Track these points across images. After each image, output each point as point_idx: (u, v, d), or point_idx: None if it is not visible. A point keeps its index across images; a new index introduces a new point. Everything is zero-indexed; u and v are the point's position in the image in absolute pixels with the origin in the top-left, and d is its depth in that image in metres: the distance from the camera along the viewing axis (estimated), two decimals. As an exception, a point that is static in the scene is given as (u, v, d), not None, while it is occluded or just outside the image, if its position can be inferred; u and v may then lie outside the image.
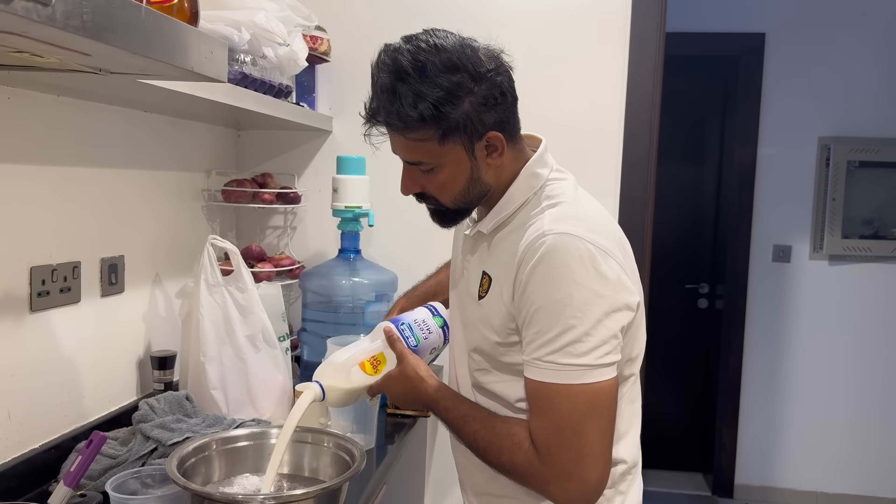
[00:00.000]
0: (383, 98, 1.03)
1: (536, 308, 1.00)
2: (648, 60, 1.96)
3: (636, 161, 1.98)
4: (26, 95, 1.30)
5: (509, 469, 1.06)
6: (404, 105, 1.01)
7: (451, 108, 1.01)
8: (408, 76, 1.00)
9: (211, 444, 1.30)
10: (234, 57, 1.52)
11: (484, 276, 1.13)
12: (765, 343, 3.69)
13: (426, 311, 1.32)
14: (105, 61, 0.92)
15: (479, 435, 1.08)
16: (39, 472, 1.33)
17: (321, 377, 1.24)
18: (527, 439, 1.03)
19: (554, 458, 1.00)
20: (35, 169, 1.34)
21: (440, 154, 1.05)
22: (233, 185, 1.99)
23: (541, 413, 1.01)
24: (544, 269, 1.00)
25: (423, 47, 1.02)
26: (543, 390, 1.00)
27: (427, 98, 1.00)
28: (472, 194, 1.10)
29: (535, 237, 1.02)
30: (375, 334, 1.27)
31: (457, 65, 1.01)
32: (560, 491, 1.01)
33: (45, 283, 1.35)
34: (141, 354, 1.69)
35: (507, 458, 1.04)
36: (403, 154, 1.09)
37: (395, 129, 1.05)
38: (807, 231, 3.62)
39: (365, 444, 1.58)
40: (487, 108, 1.04)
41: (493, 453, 1.07)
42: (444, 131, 1.02)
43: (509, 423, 1.07)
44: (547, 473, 1.01)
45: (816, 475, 3.71)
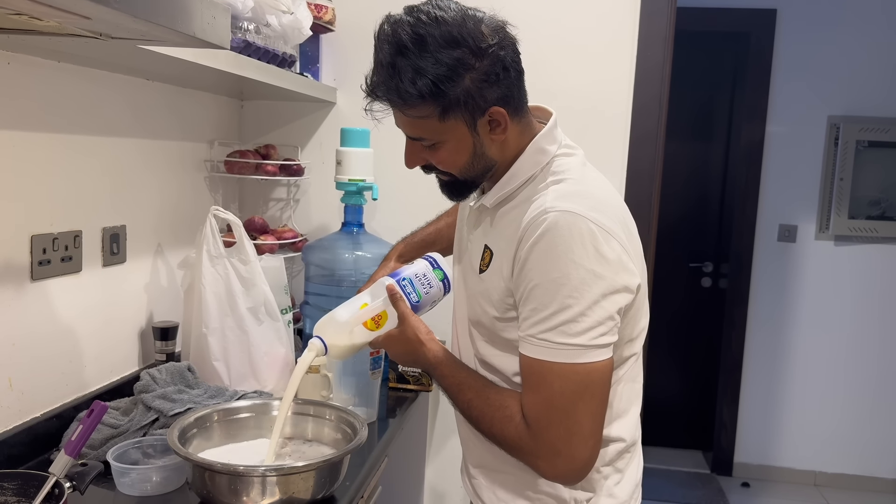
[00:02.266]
0: (382, 73, 1.01)
1: (534, 285, 1.00)
2: (659, 34, 1.93)
3: (644, 136, 1.95)
4: (27, 61, 1.27)
5: (500, 440, 1.07)
6: (403, 81, 0.98)
7: (450, 84, 0.99)
8: (407, 50, 0.98)
9: (212, 415, 1.30)
10: (237, 25, 1.49)
11: (486, 250, 1.13)
12: (768, 323, 3.69)
13: (426, 264, 1.29)
14: (105, 25, 0.90)
15: (473, 404, 1.09)
16: (41, 440, 1.33)
17: (323, 333, 1.24)
18: (518, 413, 1.03)
19: (544, 434, 1.01)
20: (36, 136, 1.32)
21: (441, 130, 1.04)
22: (235, 156, 1.97)
23: (533, 389, 1.02)
24: (544, 246, 0.99)
25: (423, 20, 0.99)
26: (536, 367, 1.00)
27: (426, 74, 0.98)
28: (476, 169, 1.09)
29: (537, 213, 1.01)
30: (377, 290, 1.25)
31: (457, 39, 0.98)
32: (548, 466, 1.02)
33: (46, 252, 1.34)
34: (143, 325, 1.69)
35: (499, 429, 1.05)
36: (405, 129, 1.08)
37: (394, 104, 1.03)
38: (813, 211, 3.60)
39: (367, 417, 1.58)
40: (489, 84, 1.01)
41: (485, 423, 1.08)
42: (444, 108, 1.01)
43: (502, 395, 1.07)
44: (536, 448, 1.02)
45: (815, 454, 3.73)
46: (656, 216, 2.01)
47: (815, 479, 3.73)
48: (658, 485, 3.61)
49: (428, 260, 1.30)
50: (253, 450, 1.29)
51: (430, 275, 1.28)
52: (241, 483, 1.11)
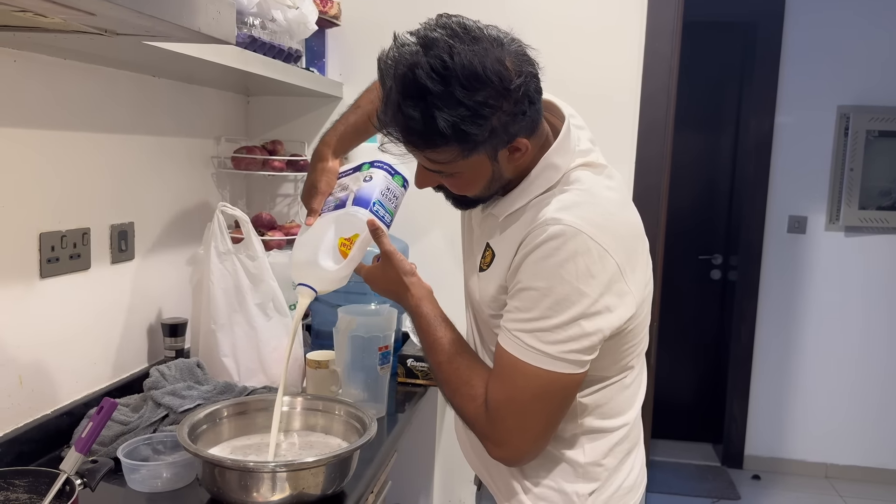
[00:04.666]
0: (399, 116, 0.94)
1: (521, 287, 1.00)
2: (666, 24, 1.91)
3: (652, 127, 1.94)
4: (32, 58, 1.27)
5: (458, 410, 1.10)
6: (426, 125, 0.92)
7: (476, 127, 0.93)
8: (428, 94, 0.90)
9: (222, 410, 1.30)
10: (242, 20, 1.49)
11: (487, 249, 1.12)
12: (778, 315, 3.67)
13: (384, 175, 1.25)
14: (110, 21, 0.90)
15: (443, 367, 1.11)
16: (52, 437, 1.33)
17: (305, 279, 1.22)
18: (482, 395, 1.05)
19: (498, 423, 1.03)
20: (42, 133, 1.32)
21: (462, 165, 0.99)
22: (242, 152, 1.96)
23: (499, 378, 1.04)
24: (538, 254, 0.98)
25: (444, 59, 0.90)
26: (506, 358, 1.02)
27: (450, 119, 0.91)
28: (491, 190, 1.07)
29: (540, 222, 1.00)
30: (347, 220, 1.20)
31: (482, 79, 0.91)
32: (494, 449, 1.06)
33: (55, 250, 1.35)
34: (152, 321, 1.69)
35: (459, 401, 1.09)
36: (421, 161, 1.03)
37: (414, 147, 0.98)
38: (823, 202, 3.57)
39: (376, 412, 1.58)
40: (515, 122, 0.97)
41: (448, 389, 1.11)
42: (469, 147, 0.96)
43: (471, 371, 1.08)
44: (488, 431, 1.05)
45: (826, 446, 3.70)
46: (665, 208, 2.00)
47: (826, 472, 3.71)
48: (668, 478, 3.60)
49: (384, 169, 1.25)
50: (263, 445, 1.29)
51: (392, 186, 1.25)
52: (251, 479, 1.11)
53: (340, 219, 1.22)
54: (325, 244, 1.21)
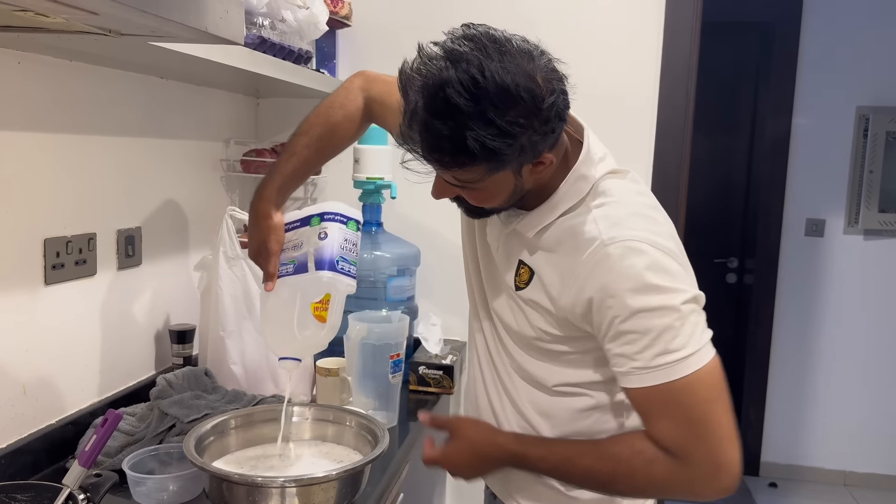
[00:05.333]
0: (427, 134, 0.90)
1: (622, 320, 0.95)
2: (685, 24, 1.86)
3: (670, 130, 1.89)
4: (37, 60, 1.24)
5: (646, 487, 1.01)
6: (454, 144, 0.88)
7: (505, 147, 0.89)
8: (459, 113, 0.87)
9: (230, 421, 1.27)
10: (251, 20, 1.45)
11: (521, 267, 1.08)
12: (795, 320, 3.61)
13: (339, 227, 1.18)
14: (114, 21, 0.87)
15: (598, 469, 1.01)
16: (56, 447, 1.30)
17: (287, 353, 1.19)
18: (657, 450, 0.97)
19: (694, 456, 0.95)
20: (47, 137, 1.29)
21: (486, 181, 0.96)
22: (252, 154, 1.93)
23: (662, 416, 0.96)
24: (617, 281, 0.95)
25: (475, 76, 0.86)
26: (657, 394, 0.95)
27: (479, 139, 0.87)
28: (511, 201, 1.04)
29: (596, 247, 0.97)
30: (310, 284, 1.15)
31: (514, 97, 0.88)
32: (711, 485, 0.95)
33: (60, 256, 1.32)
34: (160, 328, 1.66)
35: (644, 477, 0.98)
36: (443, 176, 0.99)
37: (440, 165, 0.94)
38: (842, 204, 3.51)
39: (387, 421, 1.55)
40: (545, 140, 0.94)
41: (622, 480, 1.00)
42: (497, 167, 0.93)
43: (628, 441, 1.01)
44: (692, 474, 0.96)
45: (845, 453, 3.64)
46: (684, 212, 1.95)
47: (844, 479, 3.65)
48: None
49: (337, 220, 1.19)
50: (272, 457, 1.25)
51: (349, 235, 1.19)
52: (259, 494, 1.08)
53: (307, 285, 1.16)
54: (297, 314, 1.16)
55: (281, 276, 1.18)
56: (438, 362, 1.78)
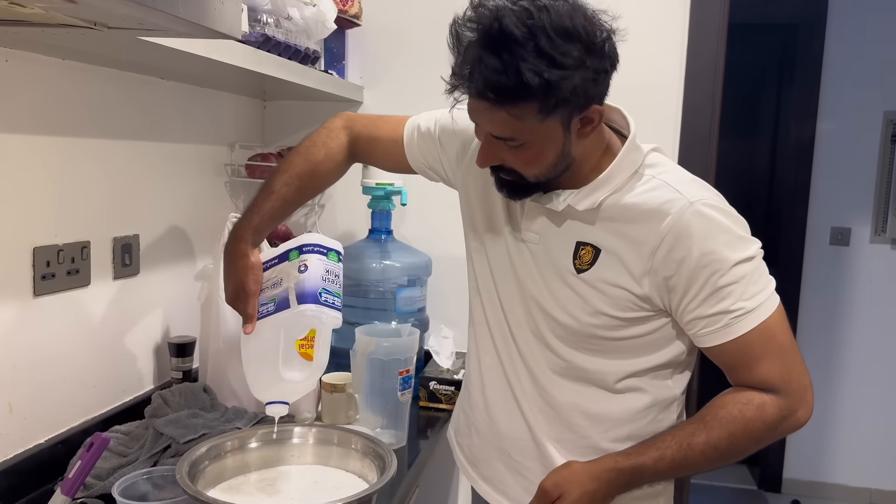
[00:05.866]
0: (483, 66, 0.90)
1: (721, 275, 0.98)
2: (712, 23, 1.77)
3: (696, 136, 1.80)
4: (27, 58, 1.17)
5: (763, 434, 1.02)
6: (509, 76, 0.88)
7: (561, 82, 0.89)
8: (515, 43, 0.87)
9: (226, 444, 1.18)
10: (255, 17, 1.38)
11: (582, 248, 1.06)
12: (819, 332, 3.49)
13: (319, 258, 1.13)
14: (95, 12, 0.79)
15: (715, 439, 1.01)
16: (45, 468, 1.23)
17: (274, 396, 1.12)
18: (760, 393, 1.01)
19: (792, 385, 1.01)
20: (38, 139, 1.22)
21: (536, 130, 0.95)
22: (257, 159, 1.86)
23: (763, 358, 1.01)
24: (714, 236, 0.99)
25: (531, 9, 0.89)
26: (757, 336, 1.00)
27: (537, 70, 0.87)
28: (557, 169, 1.02)
29: (682, 207, 0.99)
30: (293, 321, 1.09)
31: (571, 33, 0.89)
32: (805, 408, 1.03)
33: (51, 265, 1.24)
34: (158, 341, 1.58)
35: (760, 425, 1.01)
36: (492, 128, 0.98)
37: (492, 102, 0.92)
38: (868, 212, 3.40)
39: (396, 441, 1.47)
40: (596, 83, 0.94)
41: (741, 439, 1.01)
42: (550, 107, 0.92)
43: (730, 400, 1.03)
44: (792, 402, 1.01)
45: (870, 470, 3.51)
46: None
47: (870, 497, 3.52)
48: (703, 501, 3.44)
49: (316, 251, 1.14)
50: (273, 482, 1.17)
51: (330, 266, 1.15)
52: (255, 526, 0.99)
53: (289, 321, 1.10)
54: (282, 355, 1.10)
55: (262, 317, 1.13)
56: (450, 377, 1.69)
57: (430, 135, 1.27)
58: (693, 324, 1.02)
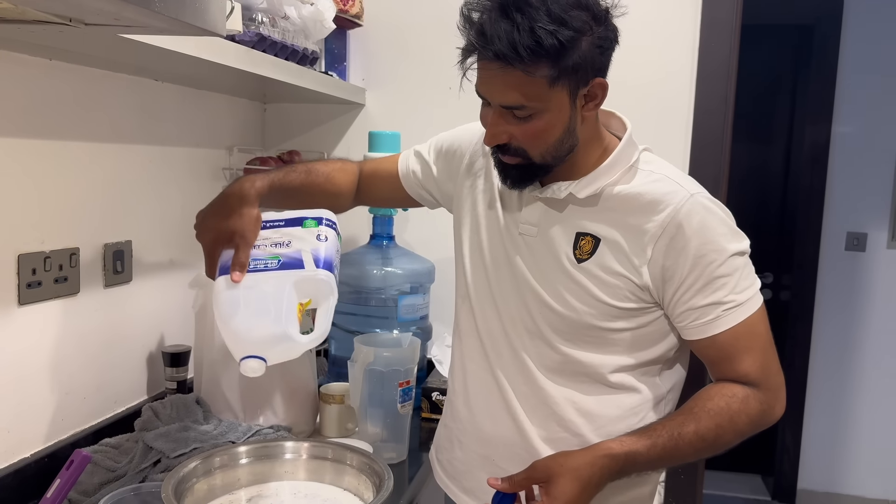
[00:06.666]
0: (499, 26, 0.94)
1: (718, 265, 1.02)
2: (725, 22, 1.71)
3: (709, 139, 1.74)
4: (11, 58, 1.13)
5: (746, 427, 1.04)
6: (524, 35, 0.93)
7: (572, 45, 0.95)
8: (529, 6, 0.93)
9: (215, 459, 1.13)
10: (250, 16, 1.33)
11: (582, 238, 1.08)
12: (834, 339, 3.42)
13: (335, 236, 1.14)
14: (68, 7, 0.75)
15: (703, 430, 1.03)
16: (30, 484, 1.19)
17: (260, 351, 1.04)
18: (744, 387, 1.05)
19: (771, 380, 1.06)
20: (23, 143, 1.18)
21: (545, 97, 0.98)
22: (256, 163, 1.82)
23: (747, 352, 1.05)
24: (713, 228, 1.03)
25: None
26: (744, 329, 1.04)
27: (551, 31, 0.93)
28: (563, 148, 1.04)
29: (683, 199, 1.03)
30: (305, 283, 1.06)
31: (579, 1, 0.96)
32: (780, 405, 1.07)
33: (37, 273, 1.20)
34: (152, 350, 1.54)
35: (744, 418, 1.04)
36: (504, 95, 1.00)
37: (509, 60, 0.95)
38: (885, 217, 3.32)
39: (396, 455, 1.42)
40: (601, 53, 0.99)
41: (726, 431, 1.03)
42: (559, 71, 0.96)
43: (716, 392, 1.05)
44: (770, 399, 1.05)
45: (887, 482, 3.43)
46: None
47: (887, 509, 3.44)
48: (714, 512, 3.37)
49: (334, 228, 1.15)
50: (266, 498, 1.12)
51: (339, 246, 1.16)
52: (243, 549, 0.94)
53: (301, 283, 1.06)
54: (286, 310, 1.03)
55: (256, 271, 1.07)
56: (453, 388, 1.64)
57: (423, 158, 1.33)
58: (685, 315, 1.05)
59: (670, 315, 1.08)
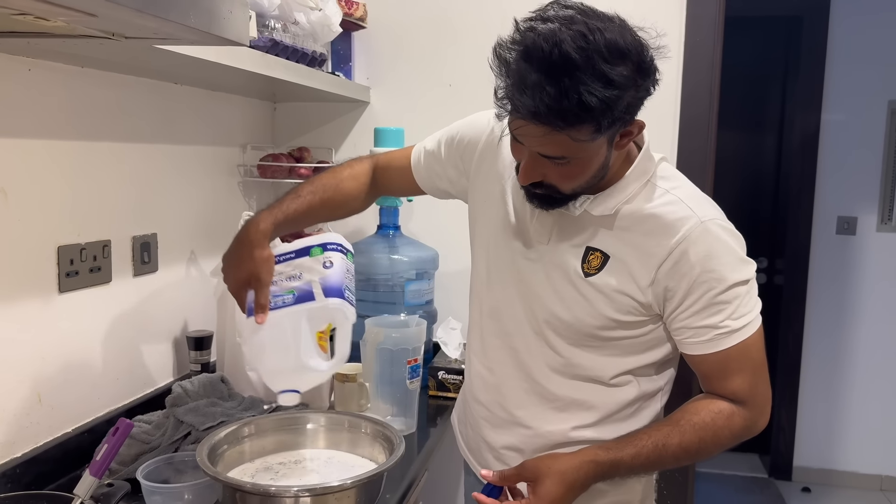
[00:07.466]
0: (545, 93, 0.89)
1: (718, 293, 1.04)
2: (708, 17, 1.81)
3: (695, 128, 1.84)
4: (48, 67, 1.24)
5: (728, 441, 1.09)
6: (571, 102, 0.89)
7: (617, 101, 0.91)
8: (575, 69, 0.89)
9: (243, 429, 1.25)
10: (263, 23, 1.44)
11: (591, 253, 1.10)
12: (827, 320, 3.51)
13: (342, 257, 1.18)
14: (114, 24, 0.85)
15: (687, 443, 1.07)
16: (72, 456, 1.30)
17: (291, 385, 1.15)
18: (730, 404, 1.08)
19: (758, 399, 1.09)
20: (60, 144, 1.29)
21: (585, 148, 0.97)
22: (268, 159, 1.92)
23: (737, 372, 1.07)
24: (718, 256, 1.04)
25: (585, 33, 0.90)
26: (736, 352, 1.06)
27: (597, 94, 0.89)
28: (594, 181, 1.05)
29: (693, 225, 1.04)
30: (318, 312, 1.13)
31: (623, 52, 0.92)
32: (765, 419, 1.10)
33: (74, 263, 1.31)
34: (177, 335, 1.65)
35: (727, 433, 1.07)
36: (543, 147, 0.98)
37: (554, 127, 0.93)
38: (874, 201, 3.41)
39: (406, 427, 1.52)
40: (642, 98, 0.97)
41: (709, 444, 1.07)
42: (602, 127, 0.94)
43: (703, 407, 1.08)
44: (755, 414, 1.09)
45: (881, 457, 3.53)
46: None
47: (881, 484, 3.54)
48: (713, 490, 3.47)
49: (339, 250, 1.19)
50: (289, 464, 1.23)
51: (349, 266, 1.20)
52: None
53: (314, 313, 1.13)
54: (304, 343, 1.12)
55: (275, 308, 1.14)
56: (458, 367, 1.75)
57: (434, 153, 1.33)
58: (681, 331, 1.09)
59: (668, 327, 1.11)
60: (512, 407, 1.21)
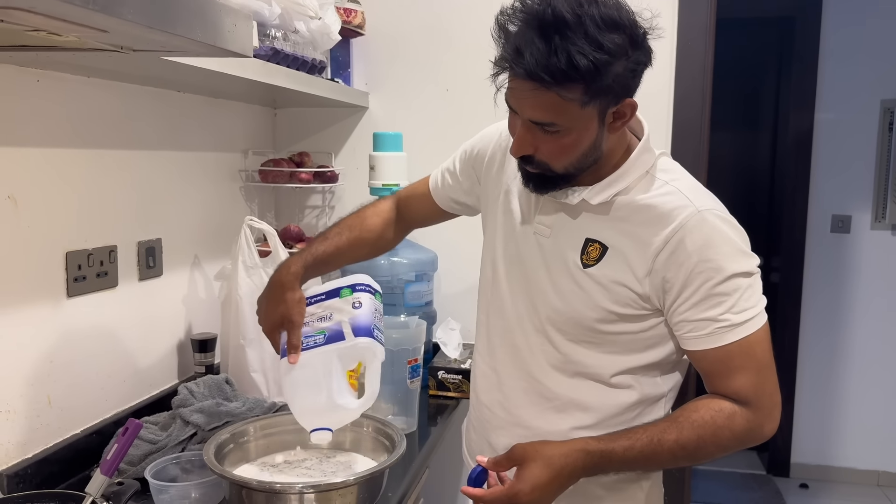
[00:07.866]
0: (535, 48, 0.93)
1: (715, 283, 1.02)
2: (700, 19, 1.85)
3: (687, 129, 1.88)
4: (56, 77, 1.27)
5: (729, 443, 1.06)
6: (560, 59, 0.92)
7: (606, 69, 0.94)
8: (566, 28, 0.92)
9: (248, 429, 1.28)
10: (264, 32, 1.47)
11: (590, 244, 1.10)
12: (822, 318, 3.55)
13: (370, 298, 1.20)
14: (124, 38, 0.89)
15: (684, 440, 1.04)
16: (81, 457, 1.33)
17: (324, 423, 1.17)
18: (732, 404, 1.05)
19: (763, 400, 1.05)
20: (67, 152, 1.32)
21: (575, 117, 0.99)
22: (269, 164, 1.95)
23: (740, 370, 1.04)
24: (716, 246, 1.03)
25: (581, 2, 0.94)
26: (738, 349, 1.03)
27: (587, 55, 0.92)
28: (586, 161, 1.06)
29: (690, 214, 1.03)
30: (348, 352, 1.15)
31: (618, 23, 0.95)
32: (772, 424, 1.06)
33: (82, 268, 1.34)
34: (181, 337, 1.68)
35: (727, 433, 1.04)
36: (536, 112, 1.00)
37: (544, 83, 0.95)
38: (868, 200, 3.44)
39: (406, 426, 1.55)
40: (634, 76, 1.00)
41: (707, 444, 1.05)
42: (592, 93, 0.96)
43: (704, 405, 1.06)
44: (760, 417, 1.05)
45: (877, 453, 3.56)
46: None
47: (878, 479, 3.57)
48: (711, 487, 3.50)
49: (368, 291, 1.21)
50: (293, 463, 1.26)
51: (377, 306, 1.22)
52: (278, 501, 1.09)
53: (344, 353, 1.16)
54: (336, 382, 1.15)
55: (307, 349, 1.17)
56: (458, 367, 1.78)
57: (450, 170, 1.37)
58: (680, 325, 1.07)
59: (669, 322, 1.09)
60: (512, 406, 1.22)
